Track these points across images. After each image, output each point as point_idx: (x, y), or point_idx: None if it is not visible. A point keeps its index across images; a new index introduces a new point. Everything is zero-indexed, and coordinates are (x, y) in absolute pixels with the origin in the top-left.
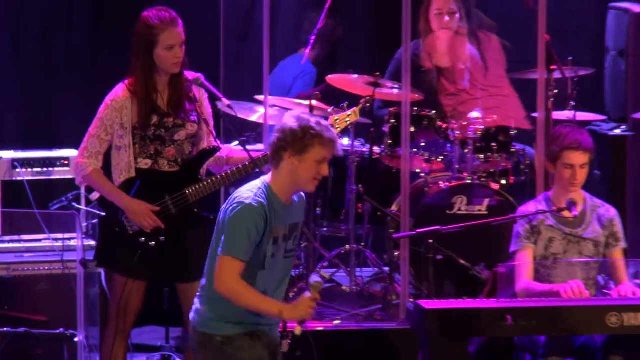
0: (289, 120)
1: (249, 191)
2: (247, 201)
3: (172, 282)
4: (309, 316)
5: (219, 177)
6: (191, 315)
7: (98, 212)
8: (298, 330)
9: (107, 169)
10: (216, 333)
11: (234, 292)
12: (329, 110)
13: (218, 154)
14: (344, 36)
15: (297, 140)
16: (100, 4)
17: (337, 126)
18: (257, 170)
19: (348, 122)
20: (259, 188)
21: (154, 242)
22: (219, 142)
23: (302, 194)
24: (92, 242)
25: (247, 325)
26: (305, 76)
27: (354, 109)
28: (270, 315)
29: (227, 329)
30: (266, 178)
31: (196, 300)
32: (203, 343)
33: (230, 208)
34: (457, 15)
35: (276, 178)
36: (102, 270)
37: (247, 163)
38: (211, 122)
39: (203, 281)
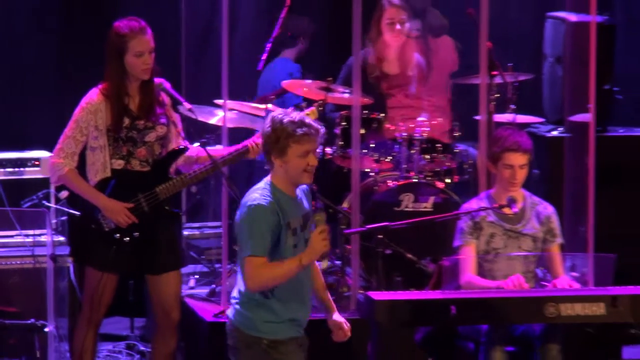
0: (265, 125)
1: (254, 193)
2: (255, 202)
3: (142, 274)
4: (327, 247)
5: (187, 175)
6: (231, 313)
7: (67, 210)
8: (325, 264)
9: (80, 168)
10: (263, 337)
11: (263, 283)
12: (272, 108)
13: (187, 153)
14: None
15: (274, 143)
16: (70, 10)
17: None
18: (220, 171)
19: None
20: (264, 188)
21: (128, 238)
22: (187, 142)
23: (307, 187)
24: (62, 238)
25: (289, 328)
26: (297, 73)
27: (312, 108)
28: (296, 270)
29: (273, 332)
30: (268, 177)
31: (234, 301)
32: (249, 344)
33: (240, 213)
34: (407, 24)
35: (275, 176)
36: (70, 264)
37: (209, 167)
38: (179, 124)
39: (242, 285)
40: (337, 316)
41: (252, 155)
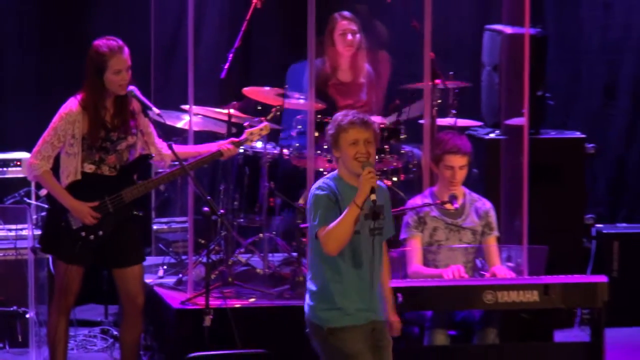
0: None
1: (318, 182)
2: (314, 190)
3: (109, 268)
4: (374, 183)
5: (152, 180)
6: (305, 305)
7: (46, 206)
8: (373, 197)
9: (55, 169)
10: (323, 325)
11: (334, 239)
12: (245, 124)
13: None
14: (259, 52)
15: (332, 138)
16: (48, 20)
17: (250, 139)
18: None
19: (260, 135)
20: (327, 178)
21: (93, 236)
22: (165, 144)
23: (380, 183)
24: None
25: (351, 315)
26: None
27: (266, 123)
28: (354, 212)
29: (332, 320)
30: (336, 170)
31: (306, 296)
32: (315, 332)
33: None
34: (358, 35)
35: (339, 168)
36: (49, 256)
37: (175, 169)
38: (154, 131)
39: (309, 280)
40: (391, 314)
41: (225, 157)
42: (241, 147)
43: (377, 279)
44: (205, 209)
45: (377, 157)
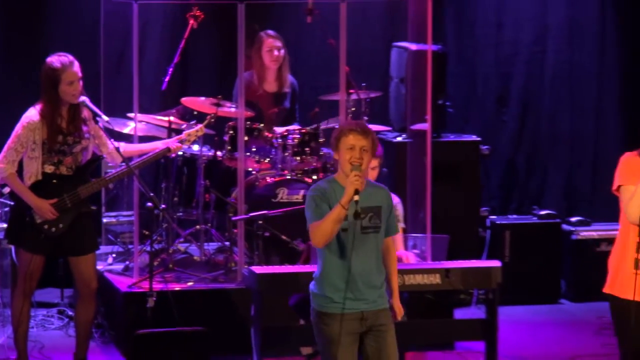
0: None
1: (316, 183)
2: (310, 191)
3: (66, 256)
4: (359, 185)
5: (104, 178)
6: None
7: (9, 202)
8: (356, 197)
9: (19, 171)
10: (315, 308)
11: (320, 233)
12: (183, 127)
13: (122, 150)
14: (195, 67)
15: (334, 140)
16: (9, 39)
17: (189, 139)
18: (134, 172)
19: (197, 136)
20: (322, 180)
21: (54, 229)
22: (116, 144)
23: (382, 186)
24: (5, 225)
25: (337, 304)
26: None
27: (201, 126)
28: (340, 210)
29: (322, 305)
30: (335, 174)
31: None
32: (312, 313)
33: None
34: (282, 51)
35: (337, 171)
36: (12, 247)
37: (123, 170)
38: (104, 134)
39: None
40: (393, 301)
41: (171, 153)
42: (180, 150)
43: (374, 272)
44: (149, 204)
45: (298, 158)
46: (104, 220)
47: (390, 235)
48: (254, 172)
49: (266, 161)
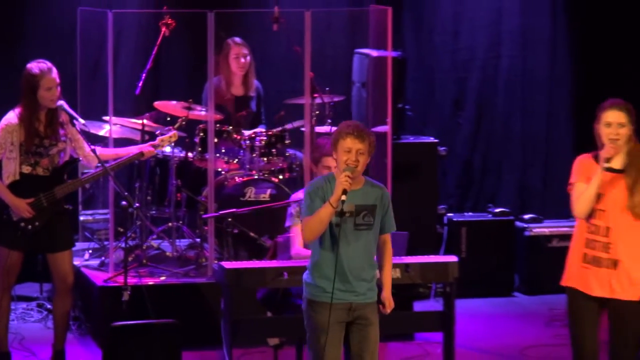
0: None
1: (314, 180)
2: (306, 186)
3: (44, 253)
4: (347, 186)
5: (80, 179)
6: None
7: None
8: (344, 197)
9: None
10: (307, 296)
11: (309, 229)
12: (156, 132)
13: (99, 152)
14: (167, 72)
15: (333, 142)
16: None
17: (162, 145)
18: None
19: (170, 142)
20: (320, 177)
21: (30, 226)
22: (92, 146)
23: (380, 185)
24: None
25: (327, 294)
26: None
27: (174, 132)
28: (329, 208)
29: (312, 294)
30: (333, 171)
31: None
32: (304, 300)
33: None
34: (248, 57)
35: (336, 169)
36: None
37: (99, 171)
38: (81, 137)
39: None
40: (383, 294)
41: (144, 157)
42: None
43: (364, 267)
44: (124, 202)
45: (265, 159)
46: (81, 218)
47: (387, 232)
48: (223, 172)
49: (235, 162)
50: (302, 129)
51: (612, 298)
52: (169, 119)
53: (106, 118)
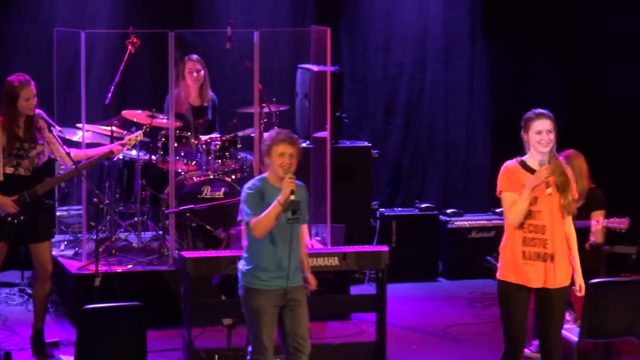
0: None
1: (250, 182)
2: (245, 188)
3: (26, 243)
4: (293, 186)
5: (57, 177)
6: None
7: None
8: (292, 197)
9: None
10: (245, 284)
11: (260, 226)
12: (124, 133)
13: (74, 154)
14: (133, 84)
15: (267, 147)
16: None
17: (129, 143)
18: (81, 173)
19: (136, 140)
20: (256, 179)
21: (16, 220)
22: (67, 149)
23: (300, 184)
24: None
25: (265, 281)
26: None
27: (140, 132)
28: (278, 207)
29: (252, 282)
30: (265, 173)
31: (241, 262)
32: (241, 289)
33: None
34: (202, 72)
35: (268, 172)
36: None
37: (72, 170)
38: (57, 141)
39: (244, 249)
40: (308, 274)
41: (114, 155)
42: (121, 154)
43: (295, 255)
44: (95, 200)
45: (219, 161)
46: (57, 213)
47: (304, 223)
48: (182, 173)
49: (193, 164)
50: (252, 134)
51: (546, 287)
52: (133, 128)
53: (79, 125)
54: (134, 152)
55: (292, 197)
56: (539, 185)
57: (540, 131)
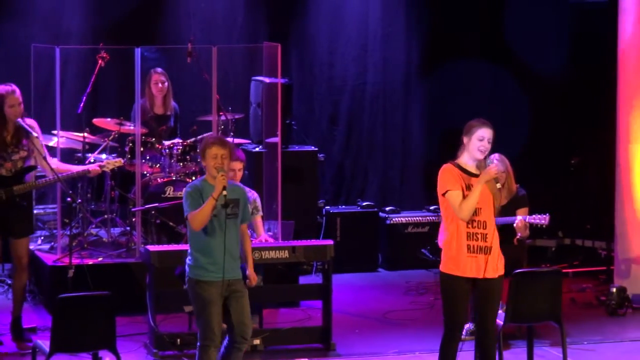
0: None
1: (191, 182)
2: (186, 187)
3: (6, 238)
4: (225, 183)
5: (36, 183)
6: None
7: None
8: (224, 193)
9: None
10: (192, 277)
11: (196, 220)
12: (87, 135)
13: (54, 166)
14: (103, 95)
15: (202, 151)
16: None
17: (107, 167)
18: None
19: (115, 166)
20: (197, 180)
21: None
22: (49, 158)
23: (238, 185)
24: None
25: (210, 272)
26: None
27: (120, 159)
28: (212, 202)
29: (198, 274)
30: (205, 175)
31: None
32: (188, 282)
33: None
34: (166, 84)
35: (206, 173)
36: None
37: (52, 178)
38: (42, 150)
39: (189, 243)
40: (248, 272)
41: (90, 175)
42: (92, 158)
43: (234, 248)
44: (69, 199)
45: (181, 164)
46: (35, 211)
47: (245, 222)
48: (148, 175)
49: (157, 166)
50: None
51: (484, 278)
52: (104, 135)
53: (54, 132)
54: (104, 157)
55: (224, 193)
56: (494, 184)
57: (482, 138)
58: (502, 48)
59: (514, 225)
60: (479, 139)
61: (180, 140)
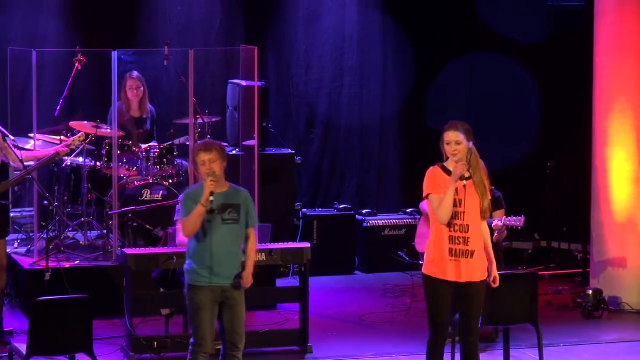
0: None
1: (190, 187)
2: (184, 192)
3: None
4: (212, 188)
5: (8, 181)
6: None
7: None
8: (211, 198)
9: None
10: (189, 282)
11: (187, 227)
12: (64, 138)
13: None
14: (80, 98)
15: (193, 158)
16: None
17: (73, 144)
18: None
19: (80, 141)
20: (194, 185)
21: None
22: (19, 155)
23: (242, 189)
24: None
25: (203, 278)
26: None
27: (82, 132)
28: (202, 208)
29: (192, 279)
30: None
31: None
32: (185, 285)
33: None
34: (142, 88)
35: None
36: None
37: (23, 173)
38: (11, 147)
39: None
40: (244, 273)
41: (61, 156)
42: (69, 161)
43: (232, 254)
44: (45, 202)
45: (158, 167)
46: (12, 214)
47: (251, 226)
48: (125, 178)
49: (134, 169)
50: (187, 143)
51: (467, 282)
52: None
53: (31, 135)
54: (80, 159)
55: (211, 198)
56: (460, 182)
57: (449, 142)
58: (477, 49)
59: (492, 225)
60: (446, 144)
61: (157, 144)
